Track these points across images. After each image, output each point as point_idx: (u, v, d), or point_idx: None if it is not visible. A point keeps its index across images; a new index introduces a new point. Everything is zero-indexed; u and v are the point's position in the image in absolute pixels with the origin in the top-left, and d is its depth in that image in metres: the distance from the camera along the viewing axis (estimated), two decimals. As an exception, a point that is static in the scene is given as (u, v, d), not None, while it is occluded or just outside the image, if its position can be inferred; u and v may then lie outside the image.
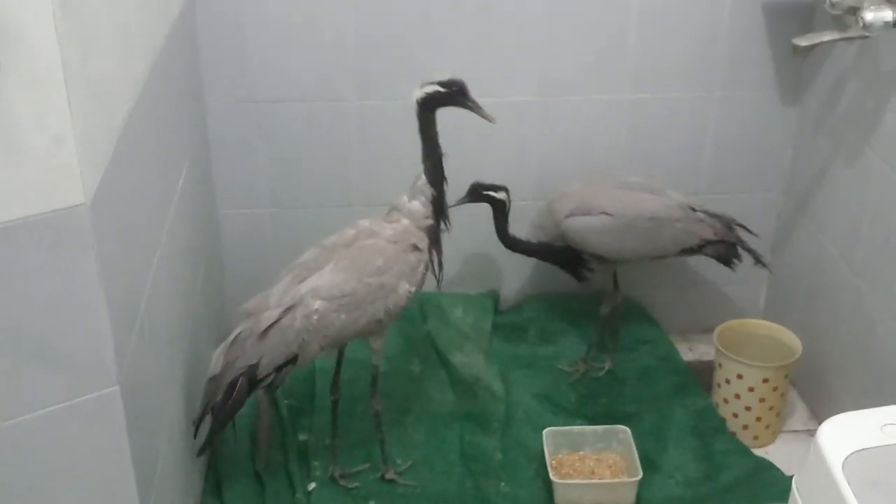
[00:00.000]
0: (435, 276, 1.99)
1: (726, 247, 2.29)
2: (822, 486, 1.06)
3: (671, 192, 2.28)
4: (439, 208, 1.94)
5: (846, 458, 1.05)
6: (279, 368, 1.85)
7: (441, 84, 1.89)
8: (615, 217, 2.20)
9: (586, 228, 2.21)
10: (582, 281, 2.35)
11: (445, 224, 1.97)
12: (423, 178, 1.92)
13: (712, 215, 2.28)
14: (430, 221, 1.93)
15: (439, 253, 1.98)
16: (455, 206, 2.10)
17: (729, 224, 2.30)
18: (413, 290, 1.91)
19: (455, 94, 1.89)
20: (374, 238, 1.91)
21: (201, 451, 1.88)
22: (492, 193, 2.20)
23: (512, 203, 2.25)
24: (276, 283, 1.90)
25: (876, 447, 1.07)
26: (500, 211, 2.21)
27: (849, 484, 1.01)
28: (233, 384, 1.83)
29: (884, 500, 1.01)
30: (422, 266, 1.93)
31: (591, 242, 2.23)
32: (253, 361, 1.82)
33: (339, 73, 2.30)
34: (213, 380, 1.86)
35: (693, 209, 2.27)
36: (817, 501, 1.07)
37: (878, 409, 1.15)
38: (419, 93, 1.88)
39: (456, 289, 2.53)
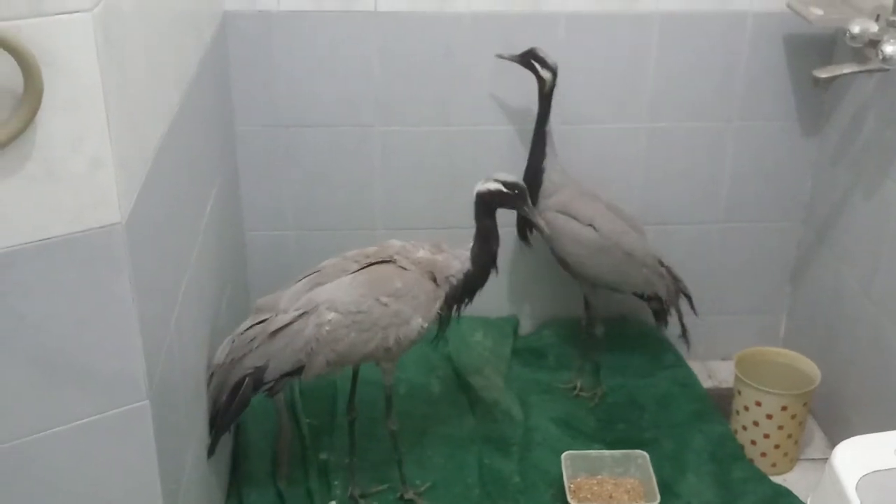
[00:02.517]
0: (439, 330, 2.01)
1: (665, 310, 2.35)
2: (836, 507, 1.08)
3: (648, 238, 2.32)
4: (469, 286, 1.96)
5: (860, 480, 1.07)
6: (283, 376, 1.86)
7: (505, 184, 1.91)
8: (600, 235, 2.23)
9: (569, 231, 2.24)
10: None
11: (464, 302, 1.98)
12: (468, 255, 1.94)
13: (673, 277, 2.33)
14: (455, 282, 1.94)
15: (450, 310, 1.99)
16: (506, 59, 2.18)
17: (679, 292, 2.35)
18: (426, 325, 1.91)
19: (515, 197, 1.92)
20: (400, 256, 1.92)
21: (210, 453, 1.88)
22: (538, 67, 2.19)
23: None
24: (291, 285, 1.93)
25: (889, 469, 1.08)
26: (541, 91, 2.20)
27: (862, 505, 1.03)
28: (238, 384, 1.85)
29: (895, 523, 1.03)
30: (437, 303, 1.92)
31: (566, 245, 2.25)
32: (260, 363, 1.84)
33: (364, 100, 2.35)
34: (219, 373, 1.87)
35: (661, 263, 2.30)
36: (831, 522, 1.09)
37: (892, 433, 1.16)
38: (481, 187, 1.91)
39: (476, 313, 2.55)
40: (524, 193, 1.93)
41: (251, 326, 1.89)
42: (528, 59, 2.20)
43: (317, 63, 2.30)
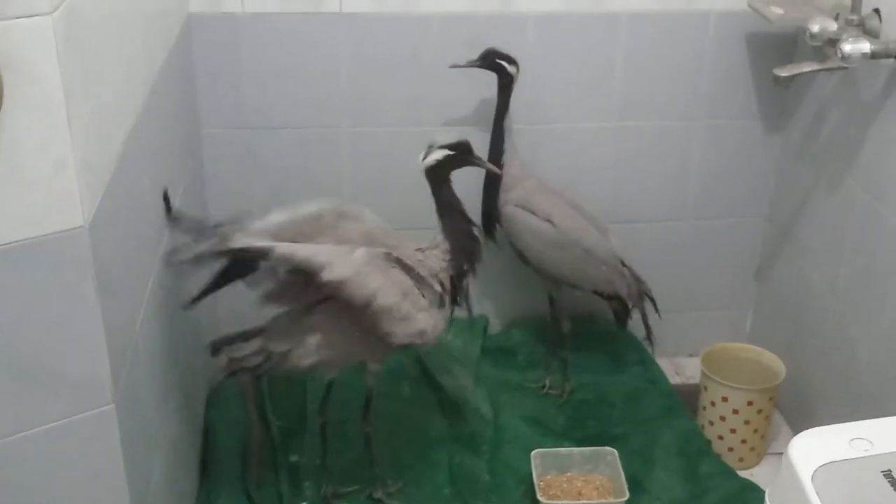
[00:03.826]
0: (466, 306, 2.04)
1: (626, 311, 2.38)
2: (792, 497, 1.10)
3: (613, 238, 2.34)
4: (462, 256, 1.94)
5: (815, 471, 1.09)
6: (265, 352, 1.81)
7: (450, 147, 1.88)
8: (557, 230, 2.24)
9: (526, 225, 2.25)
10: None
11: (471, 269, 1.97)
12: (441, 237, 1.93)
13: (636, 278, 2.35)
14: (450, 266, 1.93)
15: (466, 294, 2.01)
16: (464, 66, 2.17)
17: (641, 293, 2.37)
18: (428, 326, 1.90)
19: (463, 155, 1.90)
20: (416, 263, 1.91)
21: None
22: (504, 64, 2.19)
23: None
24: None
25: (844, 460, 1.11)
26: (506, 87, 2.21)
27: (817, 495, 1.05)
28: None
29: (850, 512, 1.06)
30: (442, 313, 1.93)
31: (524, 239, 2.27)
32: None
33: (331, 101, 2.34)
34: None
35: (623, 263, 2.32)
36: (787, 513, 1.11)
37: (848, 424, 1.19)
38: (429, 160, 1.88)
39: (446, 313, 2.56)
40: (468, 146, 1.91)
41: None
42: (493, 59, 2.21)
43: (283, 65, 2.30)
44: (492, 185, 2.27)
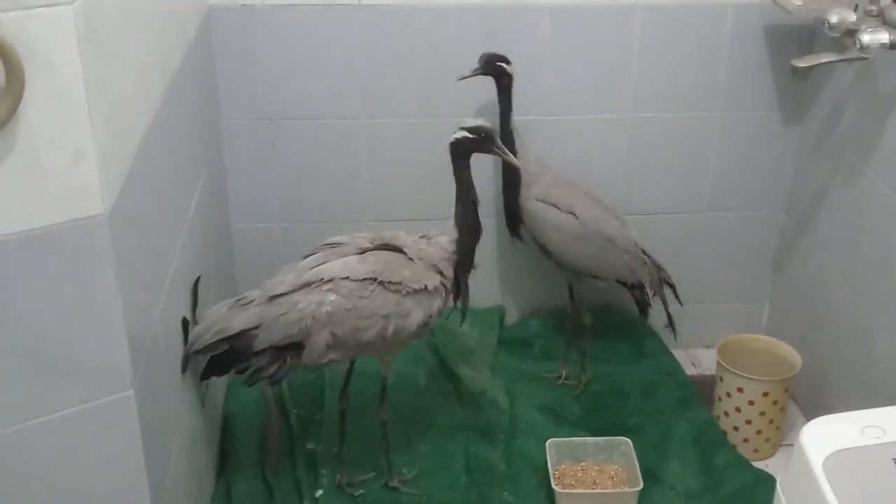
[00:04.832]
0: (460, 309, 2.03)
1: (647, 299, 2.38)
2: (804, 484, 1.10)
3: (631, 228, 2.35)
4: (464, 251, 1.96)
5: (827, 458, 1.09)
6: (280, 358, 1.84)
7: (469, 130, 1.92)
8: (580, 222, 2.25)
9: (549, 219, 2.26)
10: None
11: (467, 266, 1.98)
12: (452, 221, 1.95)
13: (656, 266, 2.36)
14: (453, 257, 1.95)
15: (465, 291, 2.00)
16: (469, 77, 2.17)
17: (662, 281, 2.37)
18: (424, 322, 1.91)
19: (483, 140, 1.92)
20: (409, 249, 1.92)
21: (183, 370, 1.82)
22: (504, 66, 2.20)
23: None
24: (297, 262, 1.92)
25: (856, 447, 1.11)
26: (507, 87, 2.22)
27: (828, 482, 1.06)
28: (215, 345, 1.82)
29: (861, 498, 1.06)
30: (438, 301, 1.93)
31: (546, 233, 2.28)
32: (250, 326, 1.81)
33: (349, 93, 2.36)
34: (213, 319, 1.85)
35: (643, 251, 2.33)
36: (799, 499, 1.12)
37: (860, 412, 1.19)
38: (451, 137, 1.92)
39: (463, 303, 2.57)
40: (490, 134, 1.93)
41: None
42: (494, 63, 2.20)
43: (302, 56, 2.32)
44: (511, 182, 2.28)
